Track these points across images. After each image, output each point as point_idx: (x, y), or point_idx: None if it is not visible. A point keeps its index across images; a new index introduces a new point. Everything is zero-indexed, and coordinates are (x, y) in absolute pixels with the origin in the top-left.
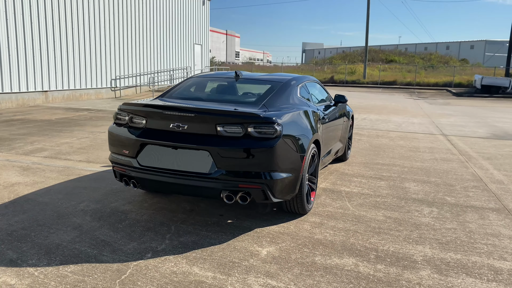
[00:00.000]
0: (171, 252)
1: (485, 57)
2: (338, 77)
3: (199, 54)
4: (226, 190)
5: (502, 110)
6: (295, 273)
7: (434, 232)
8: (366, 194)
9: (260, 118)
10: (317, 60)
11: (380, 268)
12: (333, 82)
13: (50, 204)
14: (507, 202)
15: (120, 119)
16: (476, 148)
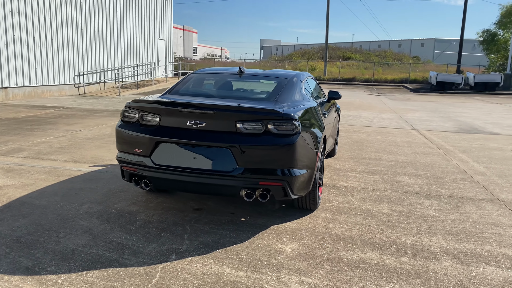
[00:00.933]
0: (195, 252)
1: (434, 55)
2: None
3: (163, 49)
4: (246, 188)
5: (459, 105)
6: (326, 269)
7: (441, 224)
8: (365, 188)
9: (280, 115)
10: (277, 57)
11: (405, 260)
12: None
13: (49, 207)
14: (497, 192)
15: (129, 117)
16: (449, 142)
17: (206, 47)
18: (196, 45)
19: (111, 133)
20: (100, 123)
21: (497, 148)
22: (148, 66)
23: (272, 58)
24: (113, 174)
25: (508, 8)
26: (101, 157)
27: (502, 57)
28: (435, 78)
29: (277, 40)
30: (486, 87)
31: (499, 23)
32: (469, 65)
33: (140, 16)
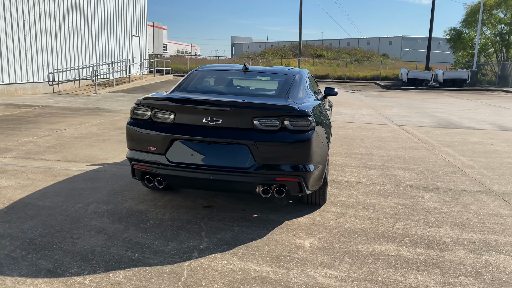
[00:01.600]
0: (216, 249)
1: (402, 52)
2: None
3: (138, 46)
4: (263, 184)
5: (432, 101)
6: (348, 262)
7: (445, 215)
8: (365, 183)
9: (296, 111)
10: (249, 54)
11: (421, 251)
12: None
13: (55, 208)
14: (489, 184)
15: (139, 114)
16: (432, 137)
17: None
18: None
19: (98, 131)
20: (84, 121)
21: (477, 142)
22: (124, 63)
23: (244, 55)
24: (112, 173)
25: (473, 7)
26: (95, 156)
27: (468, 54)
28: (406, 75)
29: (248, 37)
30: (454, 83)
31: (464, 21)
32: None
33: (115, 12)
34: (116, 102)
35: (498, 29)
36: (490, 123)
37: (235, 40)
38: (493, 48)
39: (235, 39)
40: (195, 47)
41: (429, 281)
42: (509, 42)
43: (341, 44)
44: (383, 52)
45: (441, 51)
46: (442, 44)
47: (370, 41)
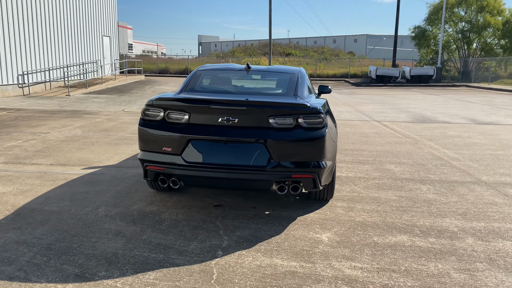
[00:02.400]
0: (239, 247)
1: (367, 50)
2: None
3: (108, 46)
4: (279, 182)
5: (403, 97)
6: (369, 254)
7: (446, 206)
8: (363, 177)
9: (310, 109)
10: (218, 53)
11: (433, 241)
12: None
13: (63, 212)
14: (478, 175)
15: (151, 115)
16: (413, 131)
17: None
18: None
19: (83, 134)
20: (66, 124)
21: (456, 136)
22: (95, 64)
23: (213, 54)
24: (111, 176)
25: (435, 6)
26: (88, 159)
27: (432, 51)
28: (374, 72)
29: (215, 36)
30: (420, 79)
31: (428, 20)
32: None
33: (84, 12)
34: (92, 103)
35: (459, 27)
36: (462, 117)
37: (202, 39)
38: (455, 45)
39: (202, 38)
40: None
41: (448, 268)
42: (470, 39)
43: (308, 43)
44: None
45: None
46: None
47: (336, 39)
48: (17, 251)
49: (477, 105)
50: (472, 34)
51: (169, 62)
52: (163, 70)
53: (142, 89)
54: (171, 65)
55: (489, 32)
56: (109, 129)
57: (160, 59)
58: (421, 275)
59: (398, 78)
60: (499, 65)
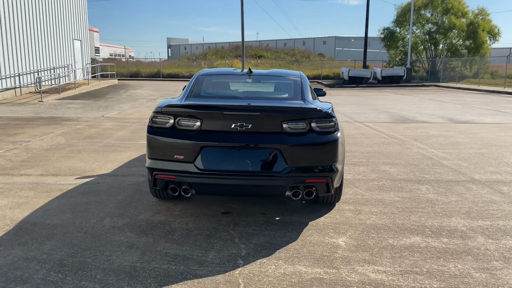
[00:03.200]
0: (259, 255)
1: (336, 51)
2: None
3: (79, 50)
4: (293, 187)
5: (378, 98)
6: (388, 257)
7: (449, 206)
8: (361, 179)
9: (322, 113)
10: (189, 56)
11: (446, 241)
12: None
13: (68, 225)
14: (470, 174)
15: (161, 123)
16: (397, 132)
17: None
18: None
19: (67, 142)
20: (46, 132)
21: (439, 135)
22: (66, 69)
23: (184, 56)
24: (109, 186)
25: (403, 8)
26: (79, 168)
27: (401, 52)
28: (347, 73)
29: (184, 38)
30: (392, 80)
31: (396, 21)
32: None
33: (54, 14)
34: (68, 110)
35: (426, 28)
36: (439, 117)
37: (171, 41)
38: (422, 46)
39: (171, 41)
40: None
41: (468, 268)
42: (437, 40)
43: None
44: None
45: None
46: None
47: (306, 42)
48: (28, 268)
49: (450, 104)
50: (439, 35)
51: (140, 66)
52: (135, 74)
53: (117, 93)
54: (142, 68)
55: (455, 33)
56: (93, 136)
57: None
58: (443, 276)
59: (370, 79)
60: (464, 65)
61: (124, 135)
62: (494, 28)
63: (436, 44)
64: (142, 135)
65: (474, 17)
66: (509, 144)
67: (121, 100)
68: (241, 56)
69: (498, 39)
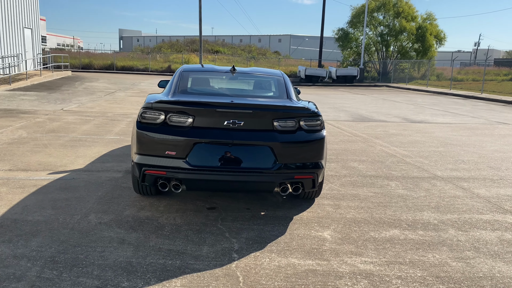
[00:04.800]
0: (252, 249)
1: (290, 50)
2: (175, 66)
3: (30, 39)
4: (283, 183)
5: (334, 97)
6: (372, 249)
7: (419, 200)
8: (334, 175)
9: (310, 112)
10: (142, 48)
11: (422, 233)
12: (171, 72)
13: (51, 222)
14: (432, 171)
15: (151, 118)
16: (358, 130)
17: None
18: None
19: (29, 136)
20: (4, 125)
21: (398, 134)
22: (16, 58)
23: (137, 49)
24: (85, 181)
25: (357, 9)
26: (49, 163)
27: (354, 53)
28: (304, 72)
29: (137, 30)
30: (346, 80)
31: (350, 23)
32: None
33: (3, 0)
34: (23, 102)
35: (379, 30)
36: (395, 116)
37: (123, 33)
38: (374, 48)
39: (123, 32)
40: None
41: (445, 258)
42: (388, 42)
43: (234, 41)
44: (274, 49)
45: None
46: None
47: (261, 39)
48: (19, 266)
49: (403, 104)
50: (390, 37)
51: (93, 57)
52: (87, 66)
53: (72, 86)
54: (95, 60)
55: (405, 36)
56: (56, 130)
57: (82, 53)
58: (425, 265)
59: (325, 78)
60: (413, 67)
61: (89, 130)
62: (440, 32)
63: (388, 46)
64: (108, 129)
65: (423, 21)
66: (462, 143)
67: (77, 93)
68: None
69: (444, 43)
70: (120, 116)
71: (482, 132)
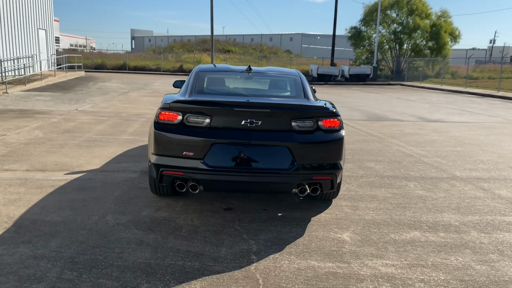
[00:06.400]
0: (270, 251)
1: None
2: (187, 66)
3: (44, 40)
4: (301, 184)
5: (347, 96)
6: (393, 251)
7: (438, 202)
8: (351, 176)
9: (329, 111)
10: (155, 48)
11: (443, 235)
12: (183, 72)
13: (69, 222)
14: (451, 171)
15: (168, 118)
16: (373, 129)
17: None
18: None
19: (45, 136)
20: (20, 125)
21: (414, 133)
22: (31, 59)
23: (149, 49)
24: (102, 182)
25: (370, 7)
26: (65, 163)
27: (367, 51)
28: (316, 71)
29: (149, 30)
30: (359, 78)
31: (363, 20)
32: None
33: (18, 2)
34: (38, 102)
35: (392, 28)
36: (410, 115)
37: (135, 33)
38: (387, 46)
39: (134, 32)
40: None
41: (468, 261)
42: (402, 40)
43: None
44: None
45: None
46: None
47: (273, 37)
48: (39, 266)
49: (417, 103)
50: (404, 35)
51: (105, 57)
52: (100, 66)
53: (85, 86)
54: (108, 60)
55: (419, 34)
56: (71, 130)
57: (95, 54)
58: (448, 268)
59: (338, 77)
60: (427, 65)
61: (103, 130)
62: (455, 30)
63: (401, 44)
64: (122, 129)
65: (437, 18)
66: (480, 143)
67: (91, 93)
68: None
69: (459, 41)
70: (134, 116)
71: (500, 131)
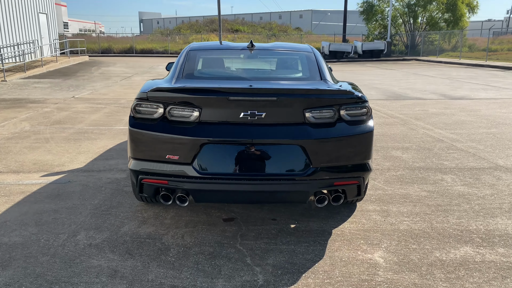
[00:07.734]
0: (281, 284)
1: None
2: None
3: (45, 24)
4: (319, 192)
5: (362, 73)
6: (443, 279)
7: (486, 201)
8: (376, 169)
9: (354, 97)
10: (162, 30)
11: (503, 252)
12: None
13: (30, 245)
14: (492, 159)
15: (147, 112)
16: (394, 110)
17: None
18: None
19: (32, 129)
20: (8, 117)
21: (440, 114)
22: (32, 45)
23: (157, 31)
24: (82, 185)
25: None
26: (46, 162)
27: (380, 26)
28: (328, 47)
29: (157, 12)
30: (372, 54)
31: None
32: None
33: None
34: (35, 90)
35: (406, 1)
36: (431, 92)
37: (143, 15)
38: (401, 19)
39: (143, 15)
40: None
41: None
42: (416, 13)
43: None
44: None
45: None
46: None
47: (282, 15)
48: None
49: (437, 79)
50: (418, 8)
51: (112, 41)
52: (106, 50)
53: (88, 71)
54: (114, 44)
55: (434, 6)
56: (63, 120)
57: (102, 38)
58: None
59: (351, 53)
60: (443, 39)
61: (98, 119)
62: (473, 0)
63: (415, 17)
64: (118, 118)
65: None
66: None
67: (93, 78)
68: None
69: (477, 11)
70: None
71: None
